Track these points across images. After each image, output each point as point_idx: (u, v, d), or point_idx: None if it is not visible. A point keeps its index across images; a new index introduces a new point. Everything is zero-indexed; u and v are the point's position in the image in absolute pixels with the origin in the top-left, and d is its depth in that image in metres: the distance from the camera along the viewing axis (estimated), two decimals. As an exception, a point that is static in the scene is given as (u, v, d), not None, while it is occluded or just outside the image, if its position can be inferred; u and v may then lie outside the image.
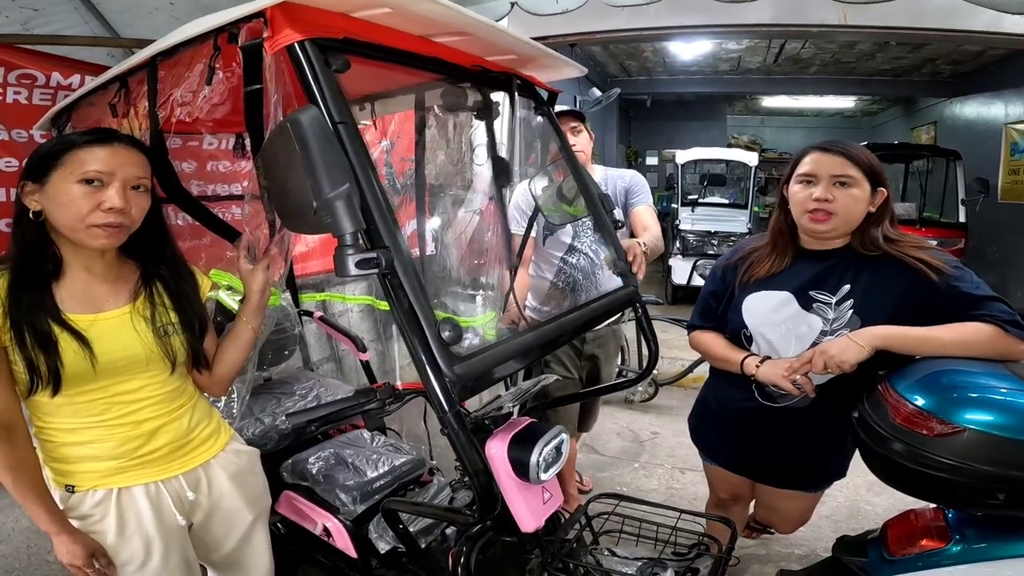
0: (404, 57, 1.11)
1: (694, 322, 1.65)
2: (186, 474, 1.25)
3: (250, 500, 1.35)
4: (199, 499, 1.27)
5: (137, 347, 1.14)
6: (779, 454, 1.56)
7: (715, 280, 1.60)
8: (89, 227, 1.05)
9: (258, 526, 1.39)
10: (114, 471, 1.16)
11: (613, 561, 1.24)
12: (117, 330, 1.13)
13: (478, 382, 0.91)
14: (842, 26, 3.16)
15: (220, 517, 1.32)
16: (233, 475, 1.32)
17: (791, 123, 12.71)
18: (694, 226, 6.70)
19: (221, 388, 1.34)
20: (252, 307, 1.29)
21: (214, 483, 1.29)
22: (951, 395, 1.13)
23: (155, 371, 1.19)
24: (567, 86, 6.34)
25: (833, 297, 1.38)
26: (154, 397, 1.19)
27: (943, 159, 6.61)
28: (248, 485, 1.36)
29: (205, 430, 1.29)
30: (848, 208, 1.34)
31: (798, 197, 1.39)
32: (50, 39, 2.21)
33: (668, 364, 4.32)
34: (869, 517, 2.56)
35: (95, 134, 1.09)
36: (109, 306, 1.14)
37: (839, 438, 1.49)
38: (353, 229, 0.80)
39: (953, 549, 1.17)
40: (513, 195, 2.56)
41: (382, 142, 2.74)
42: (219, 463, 1.30)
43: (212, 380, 1.31)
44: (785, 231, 1.48)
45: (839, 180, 1.33)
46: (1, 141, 2.11)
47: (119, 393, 1.15)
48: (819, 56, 7.26)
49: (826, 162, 1.35)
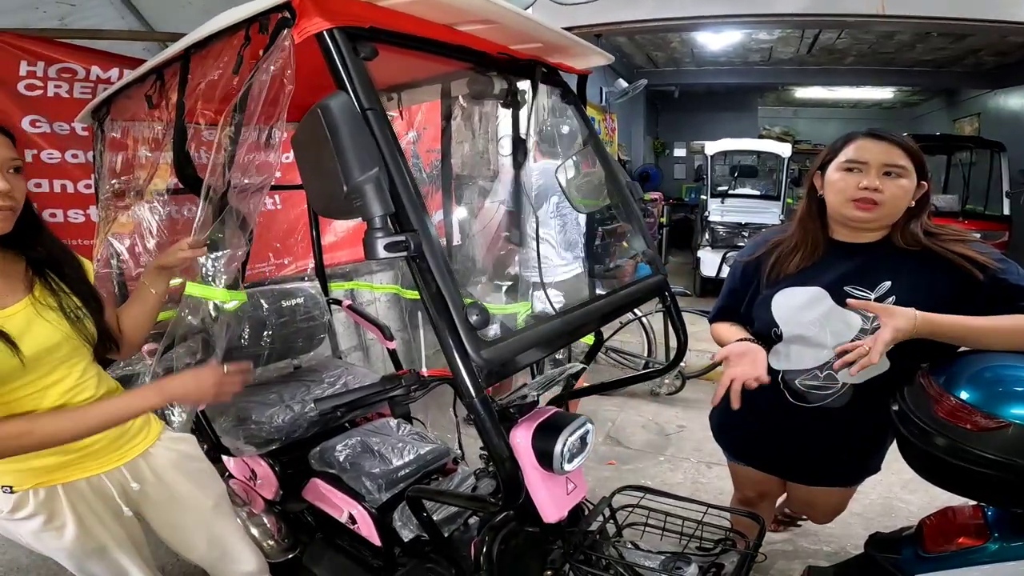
0: (430, 45, 1.12)
1: (714, 315, 1.61)
2: (127, 465, 1.25)
3: (201, 485, 1.36)
4: (146, 490, 1.28)
5: (56, 336, 1.12)
6: (815, 454, 1.50)
7: (735, 278, 1.54)
8: None
9: (220, 512, 1.40)
10: (56, 467, 1.15)
11: (636, 554, 1.23)
12: (29, 323, 1.09)
13: (504, 368, 0.91)
14: (879, 16, 3.06)
15: (178, 508, 1.32)
16: (176, 463, 1.33)
17: (826, 114, 12.36)
18: (724, 218, 6.59)
19: (130, 347, 1.32)
20: (161, 280, 1.29)
21: (161, 473, 1.30)
22: (996, 389, 1.09)
23: (77, 358, 1.17)
24: (593, 78, 6.26)
25: (872, 293, 1.31)
26: (80, 385, 1.17)
27: (987, 151, 6.39)
28: (194, 471, 1.36)
29: (138, 420, 1.28)
30: (896, 199, 1.27)
31: (840, 185, 1.31)
32: (87, 34, 2.27)
33: (696, 357, 4.25)
34: (902, 515, 2.49)
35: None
36: (9, 301, 1.09)
37: (877, 436, 1.45)
38: (382, 212, 0.81)
39: (991, 547, 1.14)
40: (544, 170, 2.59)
41: (409, 133, 2.76)
42: (159, 452, 1.31)
43: (123, 339, 1.30)
44: (816, 221, 1.40)
45: (889, 169, 1.26)
46: (44, 134, 2.18)
47: (47, 386, 1.12)
48: (855, 46, 7.05)
49: (876, 150, 1.27)
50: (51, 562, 2.19)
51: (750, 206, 6.83)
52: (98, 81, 2.21)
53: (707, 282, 6.34)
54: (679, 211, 9.67)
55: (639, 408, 3.73)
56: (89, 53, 2.20)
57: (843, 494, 1.64)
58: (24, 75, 2.06)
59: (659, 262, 1.52)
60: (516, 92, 1.50)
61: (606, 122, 6.52)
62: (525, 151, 1.60)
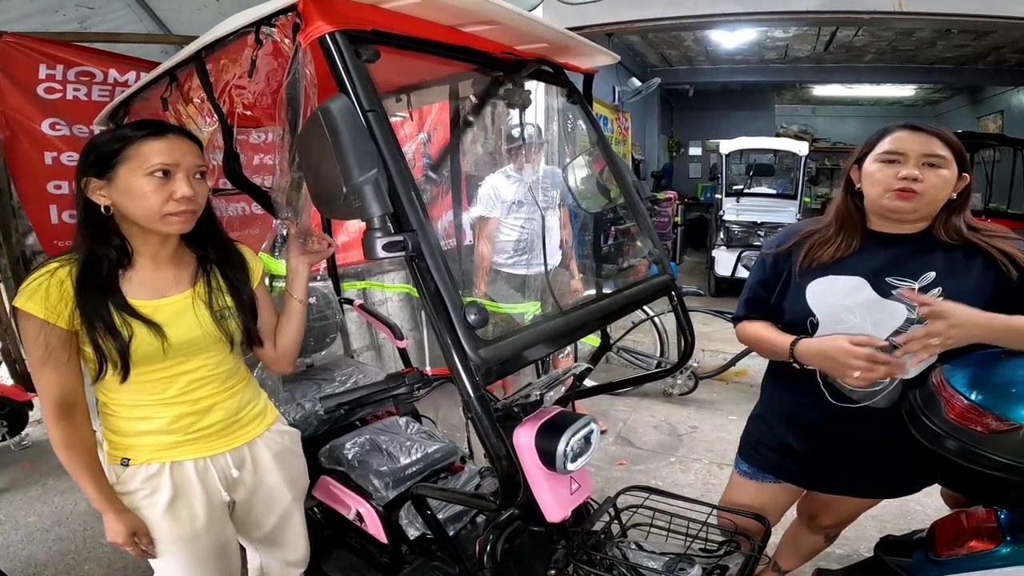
0: (433, 47, 1.12)
1: (740, 313, 1.53)
2: (232, 451, 1.30)
3: (290, 480, 1.40)
4: (243, 476, 1.32)
5: (197, 330, 1.20)
6: (863, 462, 1.38)
7: (764, 269, 1.48)
8: (165, 216, 1.11)
9: (296, 506, 1.44)
10: (168, 445, 1.22)
11: (640, 555, 1.22)
12: (180, 314, 1.19)
13: (504, 367, 0.91)
14: (897, 13, 3.01)
15: (262, 496, 1.37)
16: (276, 454, 1.37)
17: (845, 112, 12.19)
18: (739, 217, 6.53)
19: (286, 362, 1.39)
20: (297, 283, 1.33)
21: (259, 462, 1.34)
22: (1008, 390, 1.07)
23: (214, 352, 1.25)
24: (606, 77, 6.26)
25: (915, 283, 1.27)
26: (211, 376, 1.25)
27: (1010, 148, 6.28)
28: (290, 465, 1.40)
29: (254, 409, 1.35)
30: (936, 189, 1.24)
31: (878, 176, 1.28)
32: (105, 37, 2.32)
33: (709, 357, 4.24)
34: (918, 518, 2.45)
35: (147, 127, 1.13)
36: (173, 291, 1.20)
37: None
38: (381, 213, 0.82)
39: (1003, 551, 1.12)
40: (488, 182, 2.73)
41: (420, 134, 2.78)
42: (264, 442, 1.35)
43: (277, 355, 1.37)
44: (853, 212, 1.37)
45: (929, 160, 1.24)
46: (64, 136, 2.22)
47: (181, 372, 1.21)
48: (874, 44, 6.95)
49: (915, 141, 1.25)
50: (69, 557, 2.28)
51: (766, 205, 6.77)
52: (116, 84, 2.26)
53: (722, 281, 6.29)
54: (694, 210, 9.60)
55: (651, 408, 3.71)
56: (107, 56, 2.24)
57: (871, 503, 1.54)
58: (43, 78, 2.11)
59: (666, 261, 1.51)
60: (522, 93, 1.50)
61: (619, 121, 6.49)
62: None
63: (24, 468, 2.96)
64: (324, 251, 1.34)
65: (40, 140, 2.19)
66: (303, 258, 1.31)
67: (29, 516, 2.56)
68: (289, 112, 1.02)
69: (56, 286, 1.08)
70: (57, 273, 1.09)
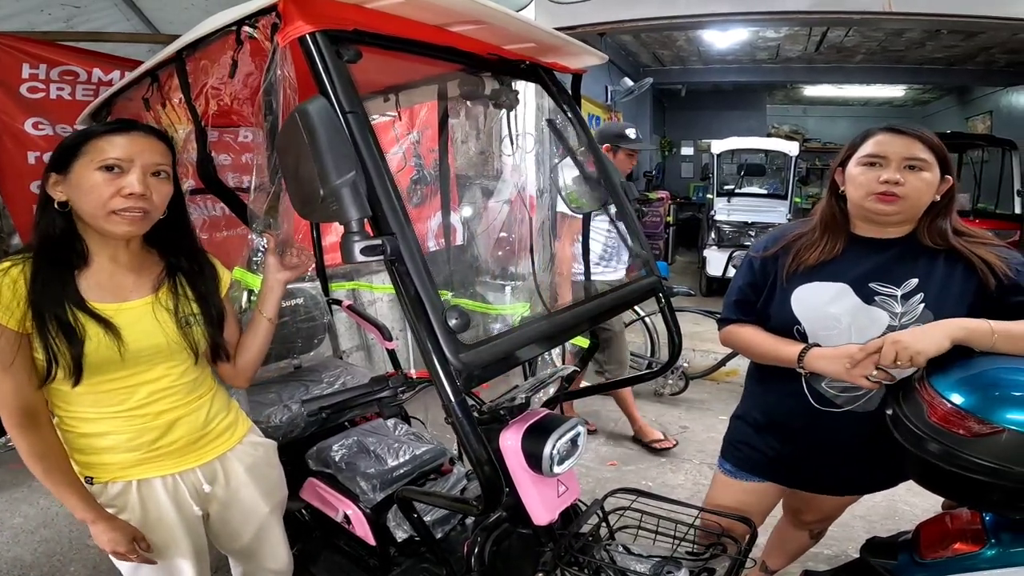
0: (418, 47, 1.11)
1: (728, 315, 1.51)
2: (203, 466, 1.26)
3: (266, 492, 1.37)
4: (215, 491, 1.29)
5: (159, 336, 1.16)
6: (848, 464, 1.41)
7: (751, 271, 1.47)
8: (110, 213, 1.06)
9: (274, 518, 1.41)
10: (132, 463, 1.18)
11: (627, 558, 1.22)
12: (140, 319, 1.15)
13: (486, 371, 0.90)
14: (886, 13, 3.01)
15: (237, 509, 1.33)
16: (249, 467, 1.34)
17: (836, 112, 12.26)
18: (730, 217, 6.56)
19: (244, 378, 1.36)
20: (270, 300, 1.30)
21: (231, 476, 1.31)
22: (991, 393, 1.07)
23: (176, 361, 1.20)
24: (598, 76, 6.25)
25: (898, 290, 1.28)
26: (174, 387, 1.21)
27: (998, 149, 6.32)
28: (264, 477, 1.37)
29: (223, 422, 1.31)
30: (919, 192, 1.24)
31: (861, 179, 1.28)
32: (90, 36, 2.29)
33: (700, 357, 4.25)
34: (906, 518, 2.46)
35: (115, 124, 1.11)
36: (133, 296, 1.16)
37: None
38: (358, 216, 0.81)
39: (988, 553, 1.12)
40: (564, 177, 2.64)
41: (410, 134, 2.76)
42: (236, 456, 1.32)
43: (236, 371, 1.34)
44: (837, 216, 1.37)
45: (910, 163, 1.24)
46: (47, 136, 2.20)
47: (140, 383, 1.16)
48: (865, 44, 6.98)
49: (896, 144, 1.25)
50: (55, 559, 2.25)
51: (757, 205, 6.80)
52: (100, 84, 2.23)
53: (713, 281, 6.31)
54: (686, 210, 9.62)
55: (642, 409, 3.70)
56: (91, 55, 2.22)
57: (852, 499, 1.58)
58: (27, 78, 2.09)
59: (652, 263, 1.50)
60: (509, 93, 1.49)
61: (612, 121, 6.50)
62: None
63: (10, 470, 2.93)
64: (303, 265, 1.30)
65: (23, 140, 2.16)
66: (280, 275, 1.27)
67: (14, 518, 2.53)
68: (267, 115, 1.01)
69: (9, 285, 1.03)
70: (10, 272, 1.05)
